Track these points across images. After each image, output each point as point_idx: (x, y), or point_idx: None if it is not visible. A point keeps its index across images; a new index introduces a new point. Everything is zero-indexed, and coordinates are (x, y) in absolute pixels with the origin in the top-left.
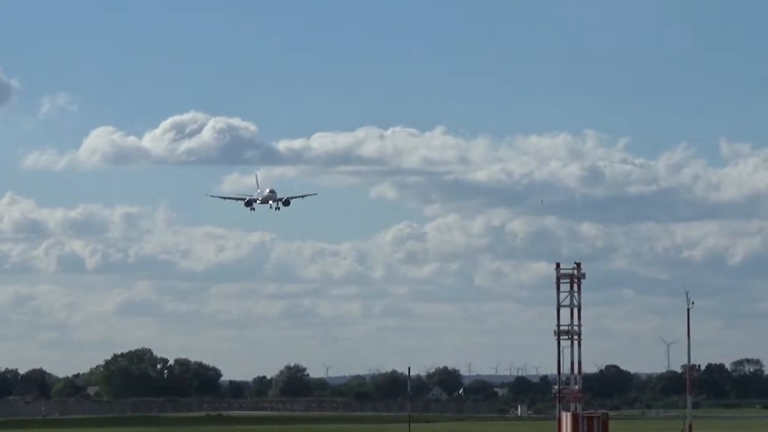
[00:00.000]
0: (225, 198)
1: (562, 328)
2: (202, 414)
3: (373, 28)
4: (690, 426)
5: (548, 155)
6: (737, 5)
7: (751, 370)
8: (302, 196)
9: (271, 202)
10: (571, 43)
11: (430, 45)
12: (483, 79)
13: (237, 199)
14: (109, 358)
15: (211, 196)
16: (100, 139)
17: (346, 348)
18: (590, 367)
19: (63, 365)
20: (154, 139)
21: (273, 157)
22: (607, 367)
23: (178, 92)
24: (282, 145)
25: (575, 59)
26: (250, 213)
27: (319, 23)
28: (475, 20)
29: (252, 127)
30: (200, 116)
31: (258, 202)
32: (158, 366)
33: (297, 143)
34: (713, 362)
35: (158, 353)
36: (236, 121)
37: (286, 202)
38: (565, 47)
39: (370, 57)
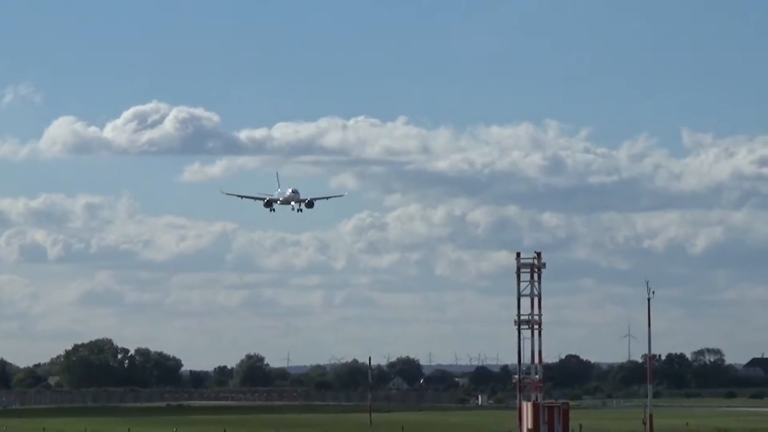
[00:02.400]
0: (242, 197)
1: (522, 317)
2: (163, 404)
3: (335, 19)
4: (651, 415)
5: (510, 145)
6: None
7: (712, 359)
8: (327, 198)
9: (293, 203)
10: (531, 32)
11: (392, 35)
12: (445, 69)
13: (256, 198)
14: (70, 348)
15: (228, 194)
16: (61, 129)
17: (308, 338)
18: (551, 357)
19: (24, 355)
20: (116, 129)
21: (235, 147)
22: (568, 356)
23: (141, 82)
24: (244, 135)
25: (536, 48)
26: (211, 203)
27: (281, 13)
28: (436, 9)
29: (214, 117)
30: (162, 106)
31: (279, 202)
32: (119, 356)
33: (259, 133)
34: (674, 352)
35: (119, 343)
36: (198, 111)
37: (310, 204)
38: (525, 36)
39: (333, 47)
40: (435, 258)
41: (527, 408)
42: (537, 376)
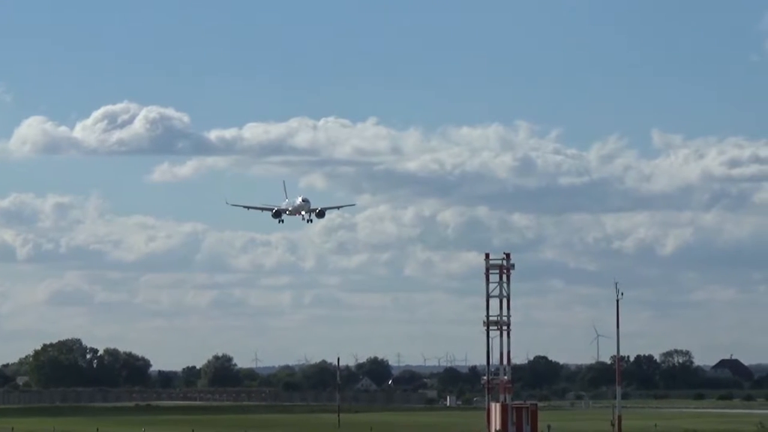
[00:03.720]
0: (249, 208)
1: (491, 318)
2: (132, 404)
3: (306, 20)
4: (619, 416)
5: (480, 146)
6: None
7: (680, 361)
8: (338, 207)
9: (303, 212)
10: (502, 33)
11: (363, 36)
12: (415, 71)
13: (263, 209)
14: (39, 348)
15: (233, 204)
16: (31, 128)
17: (277, 338)
18: (519, 358)
19: None
20: (86, 129)
21: (205, 148)
22: (536, 357)
23: (111, 82)
24: (214, 135)
25: (507, 50)
26: (181, 203)
27: (253, 15)
28: (407, 11)
29: (184, 117)
30: (133, 106)
31: (288, 212)
32: (88, 356)
33: (229, 133)
34: (642, 353)
35: (89, 343)
36: (169, 111)
37: (321, 214)
38: (495, 38)
39: (304, 48)
40: (404, 258)
41: (496, 409)
42: (505, 377)
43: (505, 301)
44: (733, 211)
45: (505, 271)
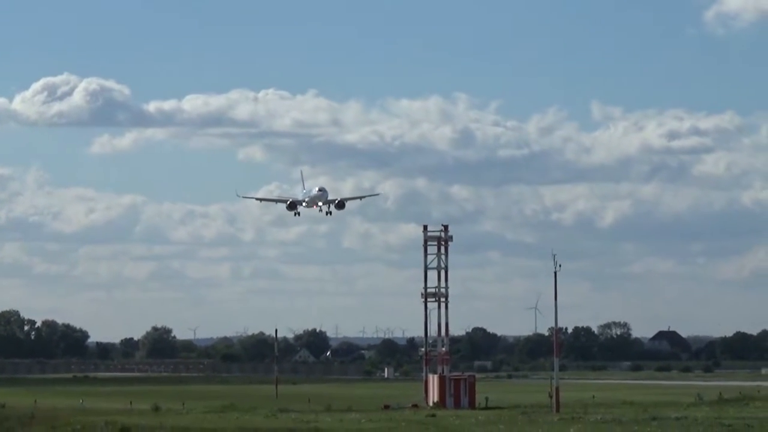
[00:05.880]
0: (261, 200)
1: (429, 290)
2: (69, 375)
3: None
4: (557, 388)
5: (419, 118)
6: None
7: (618, 333)
8: (360, 198)
9: (320, 203)
10: (441, 6)
11: (302, 7)
12: (355, 43)
13: (277, 201)
14: None
15: (244, 197)
16: None
17: (215, 310)
18: (458, 330)
19: None
20: (25, 101)
21: (144, 119)
22: (474, 329)
23: (51, 54)
24: (153, 107)
25: (445, 21)
26: (120, 175)
27: None
28: None
29: (124, 89)
30: (73, 78)
31: (304, 204)
32: (26, 327)
33: (168, 105)
34: (580, 325)
35: (27, 315)
36: (109, 83)
37: (340, 204)
38: (435, 8)
39: (245, 19)
40: (343, 230)
41: (434, 380)
42: (444, 349)
43: (443, 272)
44: (673, 183)
45: (443, 243)
